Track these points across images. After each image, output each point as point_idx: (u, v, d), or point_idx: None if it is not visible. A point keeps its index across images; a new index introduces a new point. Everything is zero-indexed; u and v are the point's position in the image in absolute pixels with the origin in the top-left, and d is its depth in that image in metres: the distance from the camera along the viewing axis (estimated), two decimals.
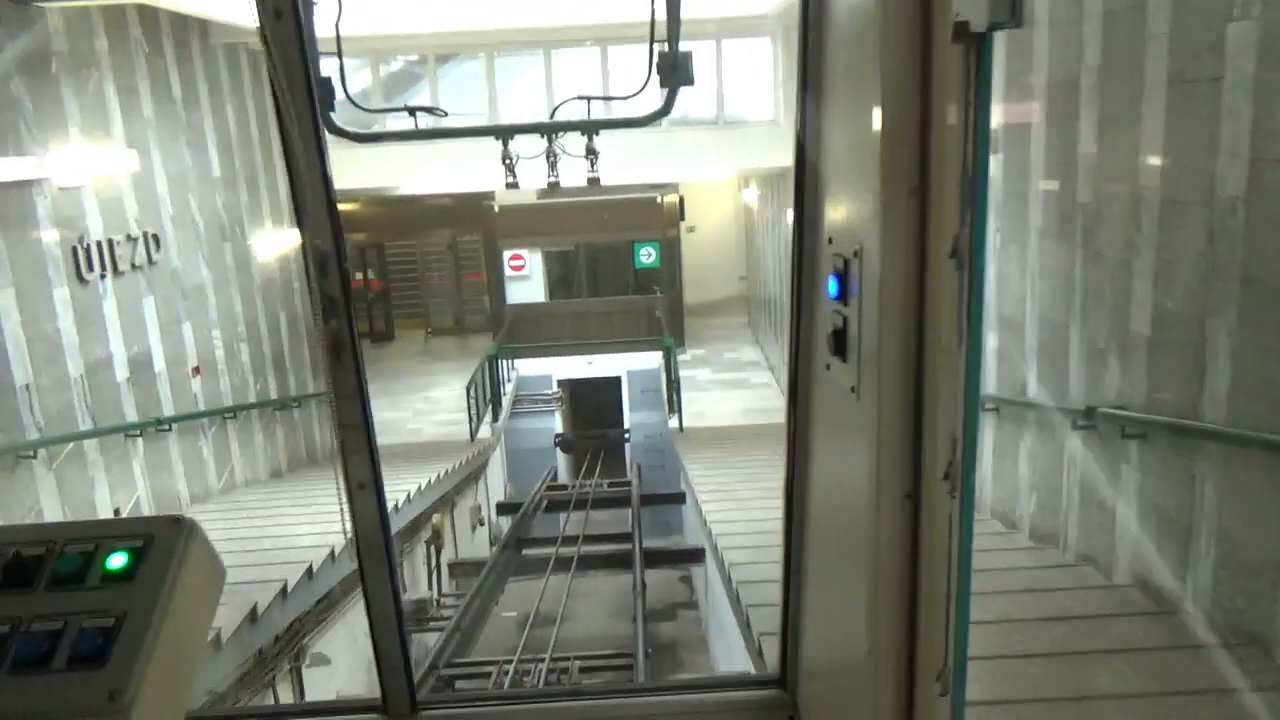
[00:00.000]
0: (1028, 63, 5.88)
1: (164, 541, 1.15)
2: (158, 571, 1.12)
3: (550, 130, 6.90)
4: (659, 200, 18.38)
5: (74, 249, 7.36)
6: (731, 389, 16.94)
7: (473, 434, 14.19)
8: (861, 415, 1.38)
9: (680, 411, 14.23)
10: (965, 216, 1.13)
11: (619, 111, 10.05)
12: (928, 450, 1.28)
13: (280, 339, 11.68)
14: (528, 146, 7.45)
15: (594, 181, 7.42)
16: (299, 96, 1.60)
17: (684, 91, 6.49)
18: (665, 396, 15.70)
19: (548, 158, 7.10)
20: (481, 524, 14.29)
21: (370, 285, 20.72)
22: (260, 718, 2.68)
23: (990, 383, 6.81)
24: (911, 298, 1.26)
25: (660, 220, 18.58)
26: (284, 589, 6.26)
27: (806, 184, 1.66)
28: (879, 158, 1.24)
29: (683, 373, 15.04)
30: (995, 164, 6.55)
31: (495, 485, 16.41)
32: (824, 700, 1.83)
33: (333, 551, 7.17)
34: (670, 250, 18.95)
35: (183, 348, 9.13)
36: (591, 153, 7.09)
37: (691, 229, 21.56)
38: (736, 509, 9.09)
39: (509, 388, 17.29)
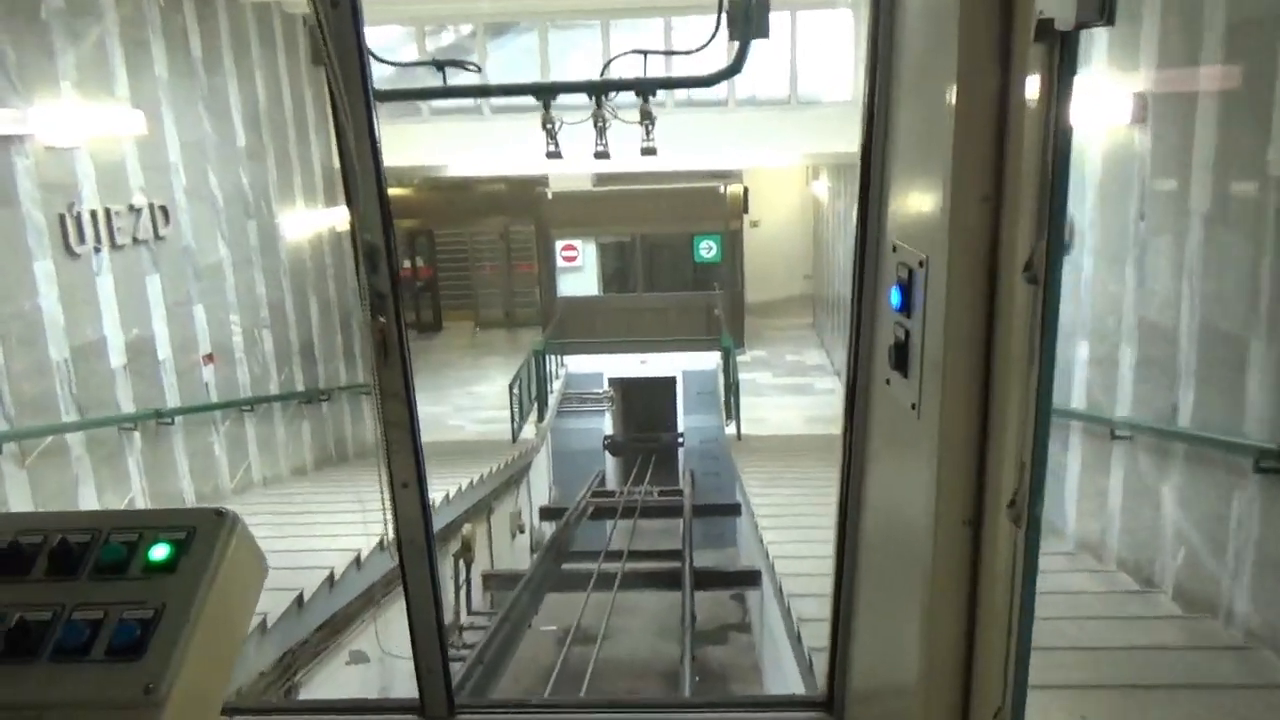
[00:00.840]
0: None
1: (206, 534, 1.14)
2: (199, 564, 1.11)
3: (599, 90, 5.86)
4: (722, 190, 17.26)
5: (61, 217, 6.54)
6: (794, 394, 15.76)
7: (515, 435, 13.25)
8: (922, 434, 1.30)
9: (738, 418, 13.10)
10: (1042, 229, 1.07)
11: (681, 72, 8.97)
12: (992, 476, 1.21)
13: (309, 326, 10.85)
14: (576, 114, 6.43)
15: (649, 152, 6.36)
16: (355, 95, 1.59)
17: (753, 68, 5.48)
18: (722, 400, 14.61)
19: (595, 123, 6.06)
20: (521, 531, 13.36)
21: (419, 274, 19.98)
22: (297, 713, 2.54)
23: (1125, 404, 5.58)
24: (980, 313, 1.19)
25: (722, 212, 17.45)
26: (299, 598, 5.57)
27: (871, 188, 1.57)
28: (950, 163, 1.16)
29: (741, 375, 13.92)
30: (1139, 134, 5.31)
31: (539, 488, 15.51)
32: None
33: (358, 557, 6.32)
34: (732, 244, 17.82)
35: (193, 332, 8.30)
36: (647, 118, 6.04)
37: (755, 223, 20.38)
38: (799, 535, 7.98)
39: (557, 385, 16.35)
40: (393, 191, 1.69)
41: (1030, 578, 1.16)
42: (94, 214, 6.88)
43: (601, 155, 6.28)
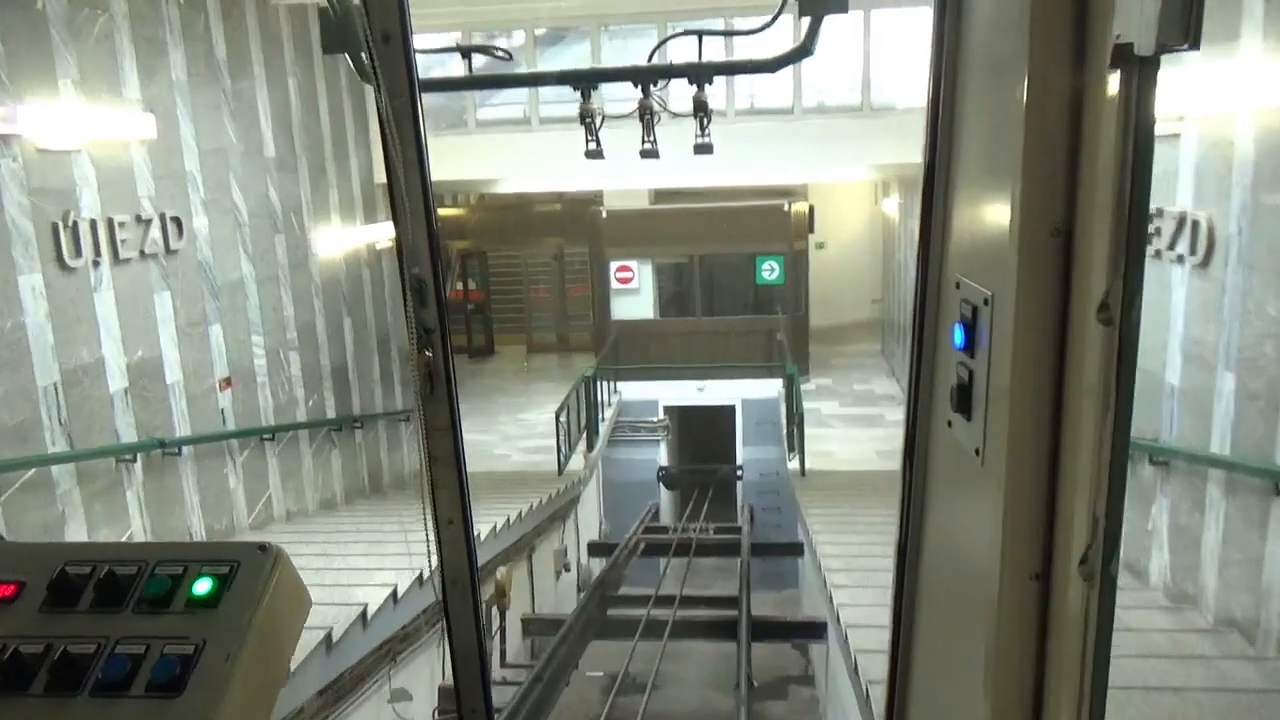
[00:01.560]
0: None
1: (250, 568, 1.12)
2: (242, 600, 1.09)
3: (647, 77, 5.03)
4: (785, 209, 16.33)
5: (55, 226, 5.93)
6: (862, 426, 14.67)
7: (561, 467, 12.41)
8: (986, 481, 1.24)
9: (802, 451, 12.08)
10: (1119, 266, 1.01)
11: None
12: (1062, 528, 1.14)
13: (343, 348, 10.20)
14: (621, 105, 5.61)
15: (704, 150, 5.50)
16: (405, 129, 1.59)
17: (823, 68, 4.52)
18: (784, 431, 13.62)
19: (641, 117, 5.24)
20: (567, 570, 12.50)
21: (470, 296, 19.43)
22: None
23: (1235, 440, 4.51)
24: (1050, 355, 1.13)
25: (786, 231, 16.51)
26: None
27: (934, 220, 1.47)
28: (1018, 194, 1.10)
29: (805, 405, 12.91)
30: None
31: (589, 522, 14.65)
32: None
33: (364, 613, 5.50)
34: (796, 266, 16.84)
35: (208, 355, 7.67)
36: (702, 110, 5.20)
37: (821, 245, 19.41)
38: (870, 587, 6.98)
39: (609, 413, 15.52)
40: (444, 212, 1.59)
41: (1104, 637, 1.10)
42: (94, 224, 6.27)
43: (649, 154, 5.45)
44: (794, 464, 12.58)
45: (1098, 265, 1.03)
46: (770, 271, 16.81)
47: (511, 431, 15.01)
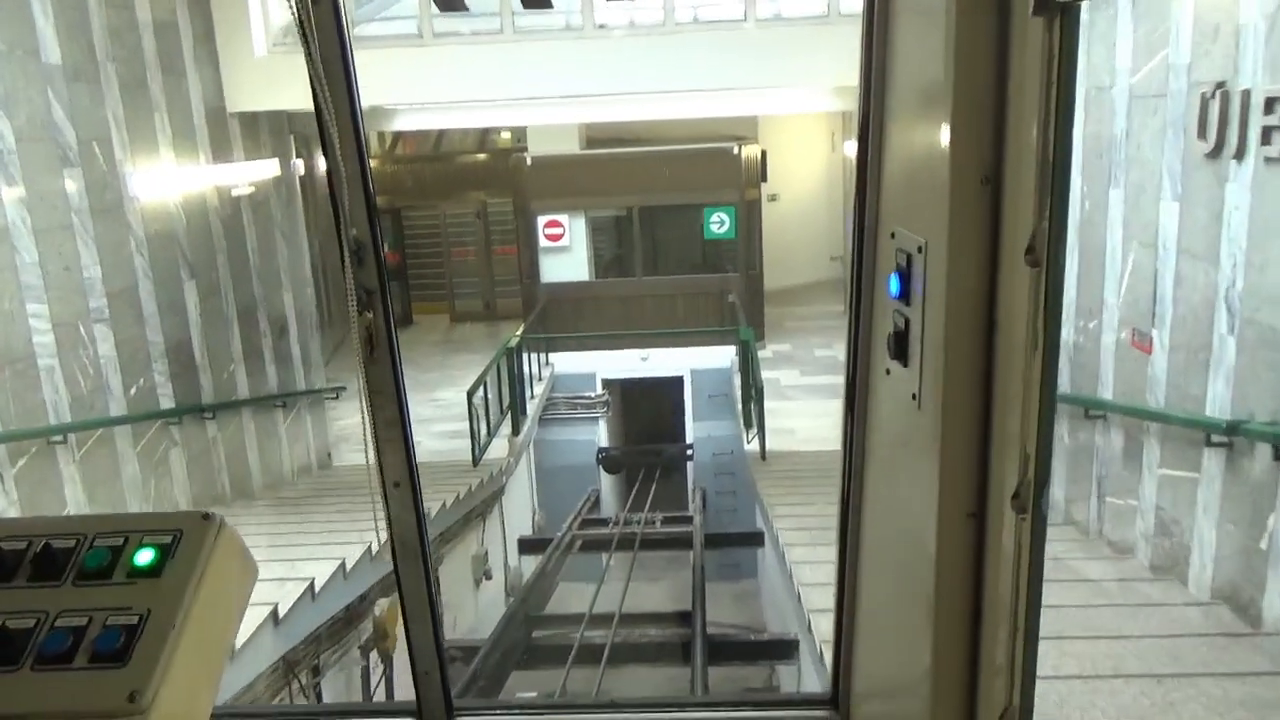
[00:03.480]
0: None
1: (192, 538, 1.13)
2: (185, 569, 1.10)
3: None
4: (735, 152, 14.38)
5: None
6: (827, 397, 12.86)
7: (476, 457, 10.41)
8: (923, 425, 1.29)
9: (762, 431, 10.25)
10: (1044, 211, 1.04)
11: None
12: (996, 467, 1.20)
13: (184, 320, 8.05)
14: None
15: None
16: (338, 89, 1.54)
17: None
18: (741, 405, 11.82)
19: None
20: (488, 577, 10.57)
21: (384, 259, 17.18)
22: (292, 717, 2.31)
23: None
24: (981, 299, 1.17)
25: (737, 178, 14.58)
26: None
27: (869, 170, 1.52)
28: (949, 142, 1.14)
29: (762, 374, 11.08)
30: None
31: (520, 514, 12.75)
32: None
33: None
34: (749, 218, 14.94)
35: None
36: None
37: (774, 197, 17.50)
38: None
39: (539, 389, 13.55)
40: None
41: (1037, 569, 1.12)
42: None
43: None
44: (752, 445, 10.78)
45: (1025, 210, 1.04)
46: (720, 224, 14.88)
47: (425, 413, 12.92)
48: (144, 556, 1.09)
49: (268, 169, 9.57)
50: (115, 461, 6.97)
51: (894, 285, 1.32)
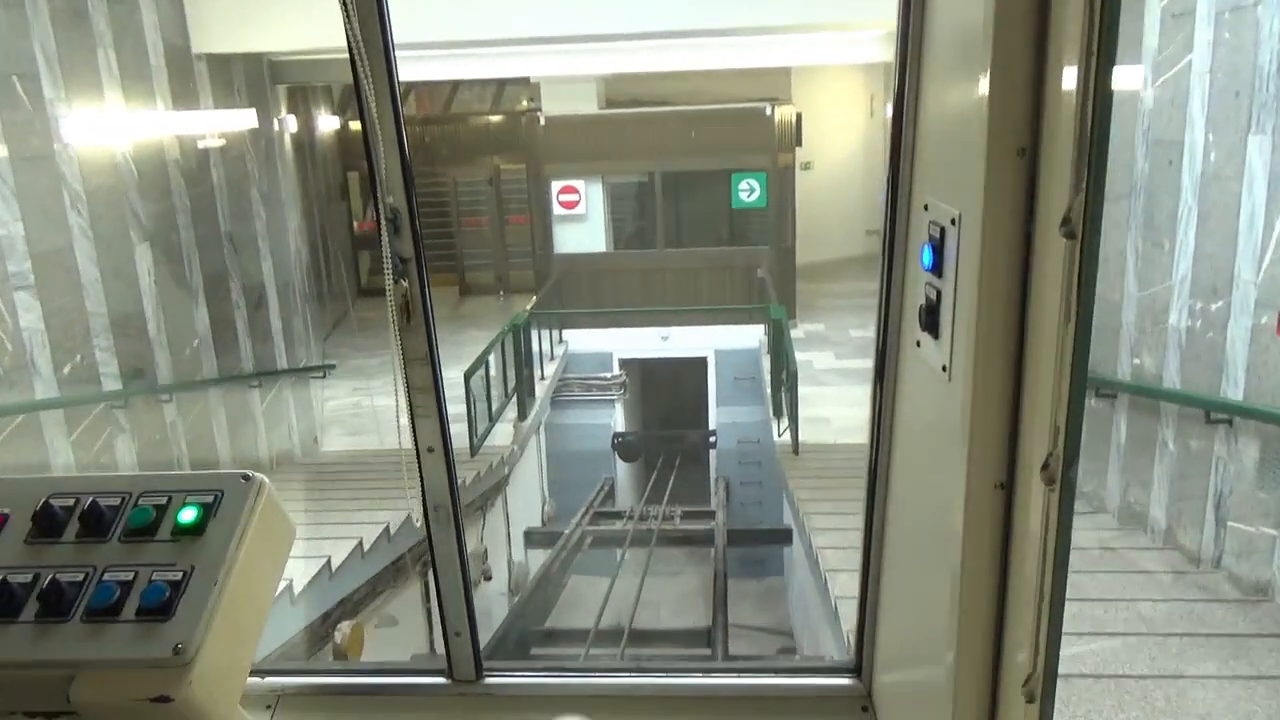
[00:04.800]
0: None
1: (234, 498, 1.20)
2: (227, 527, 1.17)
3: None
4: (768, 113, 13.16)
5: None
6: (864, 382, 11.54)
7: (475, 446, 9.38)
8: (953, 397, 1.29)
9: (795, 423, 9.14)
10: (1080, 183, 1.02)
11: None
12: (1025, 439, 1.19)
13: (137, 289, 7.04)
14: None
15: None
16: (376, 56, 1.50)
17: None
18: (768, 390, 10.78)
19: None
20: (487, 578, 9.57)
21: None
22: (326, 674, 2.14)
23: None
24: (1015, 271, 1.15)
25: (769, 142, 13.41)
26: None
27: (903, 140, 1.48)
28: (986, 113, 1.12)
29: (795, 357, 9.99)
30: None
31: (528, 504, 11.78)
32: (899, 693, 1.76)
33: None
34: (781, 186, 13.77)
35: None
36: None
37: (807, 165, 16.26)
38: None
39: (551, 369, 12.52)
40: (356, 125, 1.55)
41: (1064, 541, 1.10)
42: None
43: None
44: (783, 436, 9.69)
45: (1061, 182, 1.05)
46: (749, 192, 13.71)
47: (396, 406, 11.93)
48: (187, 515, 1.17)
49: (243, 120, 8.51)
50: (43, 451, 5.98)
51: (927, 257, 1.32)
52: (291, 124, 11.04)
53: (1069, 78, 1.01)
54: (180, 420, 7.49)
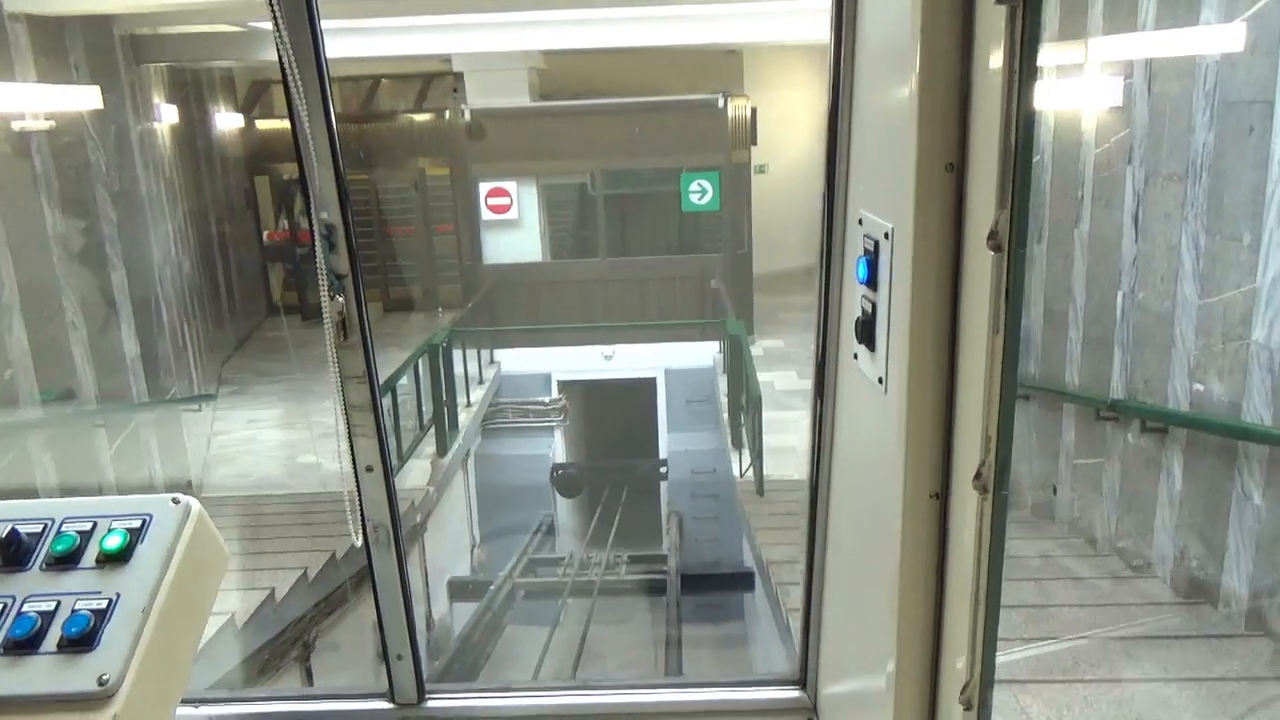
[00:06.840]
0: None
1: (163, 522, 1.16)
2: (155, 553, 1.13)
3: None
4: (721, 104, 11.94)
5: None
6: None
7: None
8: (889, 409, 1.32)
9: (760, 460, 7.83)
10: (1006, 198, 1.06)
11: None
12: (959, 449, 1.23)
13: None
14: None
15: None
16: (308, 71, 1.49)
17: None
18: (727, 414, 9.56)
19: None
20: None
21: (299, 238, 14.64)
22: (261, 700, 2.22)
23: None
24: (946, 284, 1.20)
25: (722, 139, 12.36)
26: None
27: (837, 157, 1.56)
28: (915, 128, 1.15)
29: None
30: None
31: (454, 548, 10.39)
32: (842, 703, 1.81)
33: None
34: (735, 187, 12.66)
35: None
36: None
37: (761, 168, 15.12)
38: None
39: (479, 393, 11.11)
40: (269, 125, 2.44)
41: (997, 548, 1.15)
42: None
43: None
44: (742, 466, 8.39)
45: (988, 196, 1.06)
46: (701, 194, 12.56)
47: (335, 426, 10.38)
48: (112, 541, 1.13)
49: (81, 99, 6.95)
50: None
51: (862, 271, 1.35)
52: (168, 114, 9.49)
53: (992, 95, 1.03)
54: None
